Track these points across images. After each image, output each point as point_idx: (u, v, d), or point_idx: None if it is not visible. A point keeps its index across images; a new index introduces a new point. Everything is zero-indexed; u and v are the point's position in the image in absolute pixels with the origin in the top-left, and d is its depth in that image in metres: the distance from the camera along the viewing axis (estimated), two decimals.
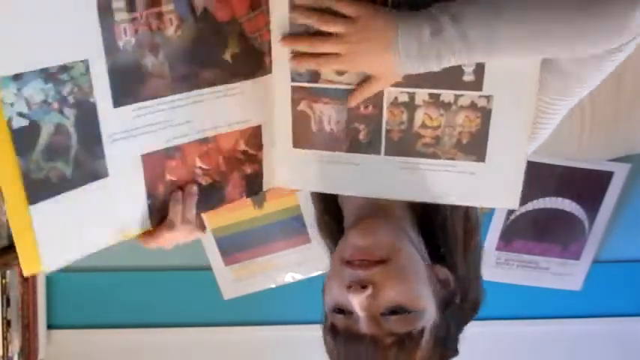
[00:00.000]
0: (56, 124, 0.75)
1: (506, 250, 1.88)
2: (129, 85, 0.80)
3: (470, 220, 0.97)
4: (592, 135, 1.15)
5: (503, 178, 0.89)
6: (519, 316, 1.91)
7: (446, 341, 0.91)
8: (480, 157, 0.88)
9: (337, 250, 0.94)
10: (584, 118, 1.12)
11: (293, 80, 0.89)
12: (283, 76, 0.89)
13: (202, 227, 0.94)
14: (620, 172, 1.79)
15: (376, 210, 0.96)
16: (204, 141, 0.89)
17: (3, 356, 1.65)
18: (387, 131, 0.89)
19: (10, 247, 1.77)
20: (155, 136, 0.84)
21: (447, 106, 0.86)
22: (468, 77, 0.84)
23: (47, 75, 0.72)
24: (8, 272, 1.66)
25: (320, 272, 1.70)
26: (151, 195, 0.87)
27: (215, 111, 0.87)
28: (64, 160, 0.77)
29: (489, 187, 0.89)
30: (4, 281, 1.65)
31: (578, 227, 1.86)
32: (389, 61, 0.79)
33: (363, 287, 0.84)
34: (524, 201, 1.82)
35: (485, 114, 0.86)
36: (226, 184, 0.93)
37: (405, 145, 0.90)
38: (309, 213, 1.53)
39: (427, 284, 0.90)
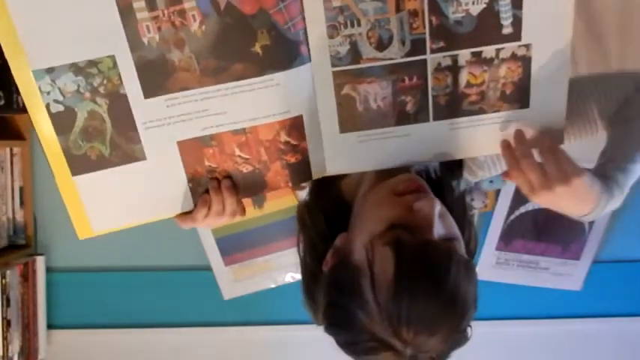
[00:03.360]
0: (90, 110, 0.85)
1: (506, 250, 1.88)
2: (157, 78, 0.84)
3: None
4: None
5: (547, 118, 0.91)
6: (519, 316, 1.92)
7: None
8: (524, 103, 0.91)
9: (378, 191, 0.90)
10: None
11: (333, 65, 0.88)
12: (323, 62, 0.88)
13: (242, 211, 0.97)
14: None
15: (395, 173, 0.95)
16: (240, 132, 0.90)
17: (3, 356, 1.65)
18: (434, 97, 0.90)
19: (10, 247, 1.78)
20: (189, 124, 0.88)
21: (489, 61, 0.88)
22: (507, 30, 0.86)
23: (77, 69, 0.82)
24: (8, 272, 1.66)
25: None
26: (191, 179, 0.92)
27: (250, 103, 0.88)
28: (100, 141, 0.87)
29: (535, 127, 0.92)
30: (4, 281, 1.65)
31: (578, 227, 1.86)
32: (573, 215, 0.90)
33: None
34: (524, 201, 1.83)
35: (526, 62, 0.88)
36: (267, 172, 0.94)
37: (452, 106, 0.91)
38: None
39: None
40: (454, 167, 1.02)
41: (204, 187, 0.93)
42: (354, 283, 0.82)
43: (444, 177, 0.99)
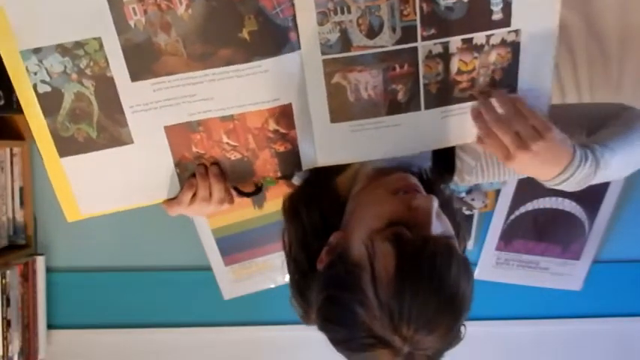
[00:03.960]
0: (77, 92, 0.85)
1: (506, 250, 1.88)
2: (143, 61, 0.84)
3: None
4: None
5: (533, 101, 0.91)
6: (519, 316, 1.92)
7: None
8: (513, 88, 0.91)
9: (373, 189, 0.90)
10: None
11: (323, 53, 0.87)
12: (313, 50, 0.86)
13: (230, 199, 0.96)
14: None
15: (388, 172, 0.95)
16: (228, 118, 0.89)
17: (3, 356, 1.65)
18: (425, 85, 0.90)
19: (10, 247, 1.77)
20: (177, 109, 0.88)
21: (479, 48, 0.88)
22: (497, 16, 0.86)
23: (63, 50, 0.82)
24: (8, 272, 1.66)
25: None
26: (178, 164, 0.92)
27: (237, 89, 0.87)
28: (87, 123, 0.87)
29: None
30: (4, 281, 1.65)
31: (578, 227, 1.86)
32: (548, 177, 0.89)
33: None
34: (524, 201, 1.83)
35: (515, 47, 0.89)
36: (256, 160, 0.93)
37: (444, 94, 0.91)
38: None
39: None
40: (445, 171, 1.01)
41: (192, 173, 0.93)
42: (354, 279, 0.81)
43: (435, 179, 0.98)
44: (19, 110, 0.86)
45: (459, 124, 0.93)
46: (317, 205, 0.96)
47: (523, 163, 0.87)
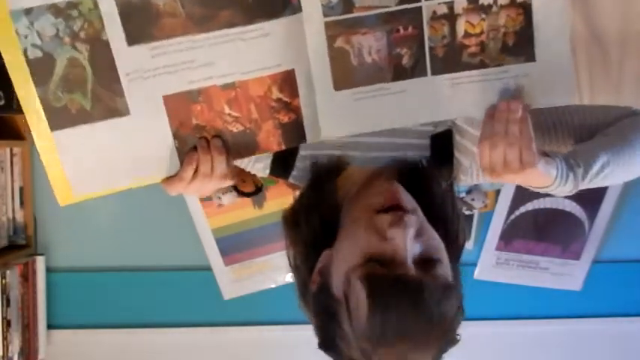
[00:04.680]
0: (70, 57, 0.80)
1: (506, 250, 1.88)
2: (141, 23, 0.80)
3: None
4: None
5: (557, 71, 0.87)
6: (519, 316, 1.91)
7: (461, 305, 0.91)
8: (530, 56, 0.87)
9: (354, 210, 0.90)
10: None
11: (325, 15, 0.84)
12: (314, 11, 0.84)
13: (232, 174, 0.93)
14: None
15: (380, 173, 0.96)
16: (230, 86, 0.86)
17: (3, 356, 1.65)
18: (431, 49, 0.86)
19: (11, 247, 1.77)
20: (176, 77, 0.84)
21: (486, 8, 0.85)
22: None
23: (56, 10, 0.78)
24: (8, 272, 1.66)
25: None
26: (177, 137, 0.87)
27: (239, 54, 0.84)
28: (81, 93, 0.82)
29: (544, 84, 0.88)
30: (4, 281, 1.65)
31: (578, 227, 1.86)
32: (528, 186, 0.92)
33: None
34: (524, 201, 1.83)
35: (527, 9, 0.85)
36: (259, 132, 0.90)
37: (451, 59, 0.87)
38: None
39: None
40: (442, 164, 1.01)
41: (192, 147, 0.88)
42: (334, 314, 0.85)
43: (433, 170, 0.98)
44: (19, 110, 0.82)
45: (468, 95, 0.89)
46: (317, 213, 0.96)
47: (496, 180, 0.90)
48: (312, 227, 0.95)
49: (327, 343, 0.88)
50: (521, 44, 0.87)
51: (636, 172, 0.99)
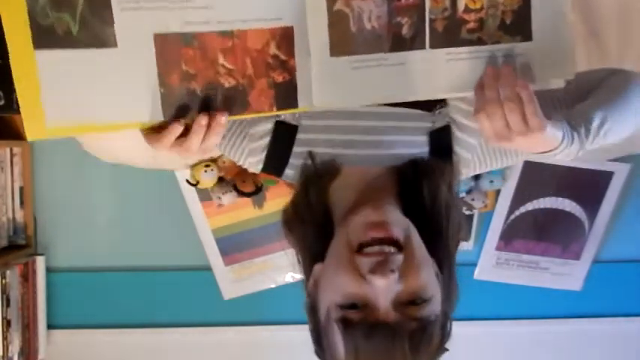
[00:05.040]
0: None
1: (506, 250, 1.88)
2: None
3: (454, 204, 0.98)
4: None
5: (554, 52, 0.88)
6: (519, 316, 1.91)
7: (447, 326, 0.91)
8: (526, 35, 0.88)
9: (339, 239, 0.89)
10: None
11: None
12: None
13: (216, 150, 0.93)
14: (620, 172, 1.79)
15: (371, 192, 0.95)
16: (227, 34, 0.83)
17: (3, 356, 1.65)
18: (431, 21, 0.87)
19: (10, 247, 1.78)
20: (171, 15, 0.80)
21: None
22: None
23: None
24: (8, 272, 1.66)
25: None
26: (164, 83, 0.83)
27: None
28: (70, 14, 0.78)
29: (540, 65, 0.89)
30: (4, 281, 1.65)
31: (578, 227, 1.86)
32: (533, 153, 0.93)
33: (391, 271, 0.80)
34: (524, 201, 1.83)
35: None
36: (251, 90, 0.87)
37: (450, 33, 0.87)
38: None
39: (432, 271, 0.89)
40: (442, 158, 1.00)
41: (177, 98, 0.84)
42: (320, 339, 0.90)
43: (433, 166, 0.97)
44: (19, 110, 0.79)
45: (464, 71, 0.89)
46: (309, 217, 0.97)
47: (505, 146, 0.91)
48: (304, 232, 0.97)
49: (319, 354, 0.92)
50: (518, 23, 0.87)
51: (634, 123, 1.00)
